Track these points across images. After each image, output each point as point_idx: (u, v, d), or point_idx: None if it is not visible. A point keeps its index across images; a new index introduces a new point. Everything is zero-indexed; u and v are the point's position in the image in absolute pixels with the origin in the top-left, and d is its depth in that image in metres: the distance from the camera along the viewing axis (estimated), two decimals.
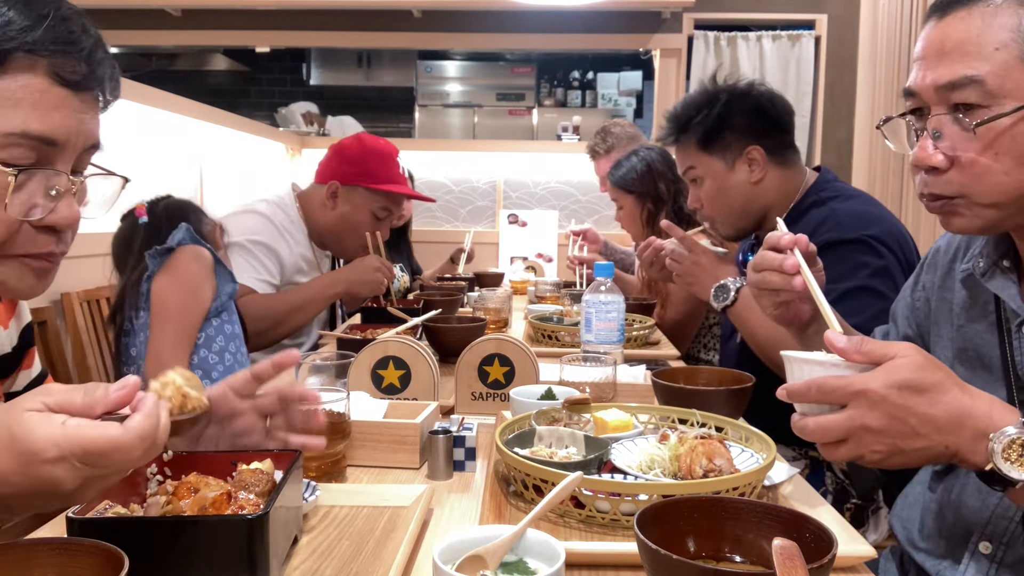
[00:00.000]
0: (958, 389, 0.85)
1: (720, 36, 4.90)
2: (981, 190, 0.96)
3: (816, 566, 0.65)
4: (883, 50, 4.15)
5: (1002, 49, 0.92)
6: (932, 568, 1.11)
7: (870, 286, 1.61)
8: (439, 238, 4.46)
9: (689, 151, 1.88)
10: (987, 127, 0.93)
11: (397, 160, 2.56)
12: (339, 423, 1.11)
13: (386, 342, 1.45)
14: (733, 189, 1.84)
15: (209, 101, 3.42)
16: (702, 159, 1.86)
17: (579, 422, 1.19)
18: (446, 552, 0.74)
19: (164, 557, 0.73)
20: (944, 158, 0.97)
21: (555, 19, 5.00)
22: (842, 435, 0.85)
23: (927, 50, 0.98)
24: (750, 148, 1.81)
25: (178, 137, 3.15)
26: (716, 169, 1.85)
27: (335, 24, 5.09)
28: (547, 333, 2.21)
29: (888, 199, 4.00)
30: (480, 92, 7.44)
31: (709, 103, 1.84)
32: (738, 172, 1.83)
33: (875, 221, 1.71)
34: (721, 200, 1.87)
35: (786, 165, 1.85)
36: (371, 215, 2.50)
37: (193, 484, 0.83)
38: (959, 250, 1.17)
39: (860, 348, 0.85)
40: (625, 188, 2.82)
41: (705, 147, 1.85)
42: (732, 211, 1.88)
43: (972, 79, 0.93)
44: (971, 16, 0.94)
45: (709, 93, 1.87)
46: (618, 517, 0.95)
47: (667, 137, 1.93)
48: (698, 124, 1.84)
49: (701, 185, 1.89)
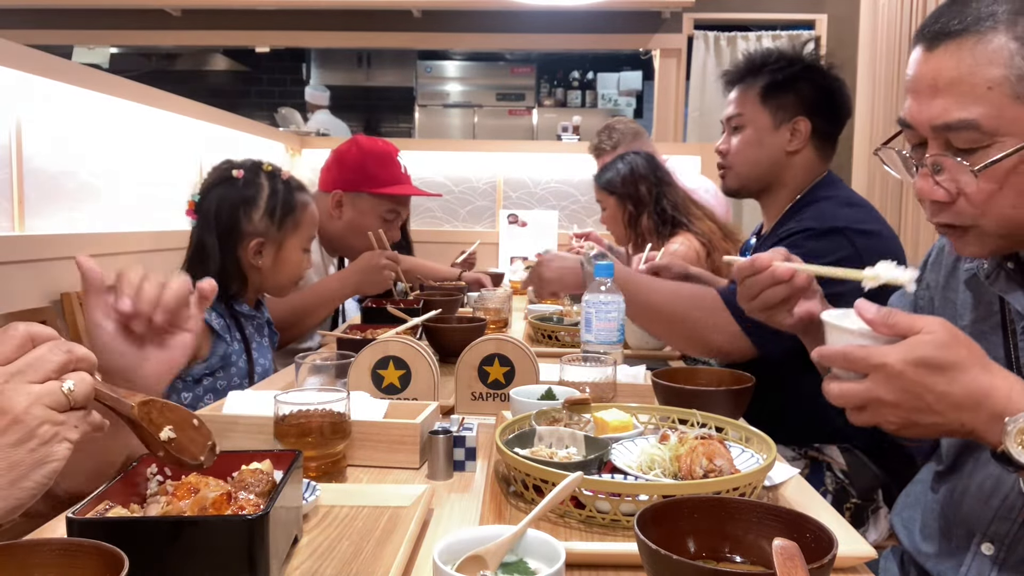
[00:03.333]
0: (979, 368, 0.85)
1: (720, 36, 4.90)
2: (991, 222, 0.96)
3: (816, 566, 0.65)
4: (883, 50, 4.15)
5: (995, 88, 0.90)
6: (933, 569, 1.11)
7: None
8: (439, 238, 4.46)
9: (746, 96, 1.89)
10: (989, 170, 0.92)
11: (397, 159, 2.56)
12: (339, 423, 1.11)
13: (386, 342, 1.45)
14: (768, 147, 1.87)
15: (209, 101, 3.42)
16: (755, 108, 1.88)
17: (579, 422, 1.19)
18: (446, 552, 0.74)
19: (164, 558, 0.73)
20: (946, 192, 0.97)
21: (555, 19, 5.00)
22: (860, 403, 0.88)
23: (918, 83, 0.97)
24: (800, 118, 1.84)
25: (178, 137, 3.15)
26: (762, 122, 1.87)
27: (335, 24, 5.09)
28: (547, 333, 2.21)
29: (888, 199, 4.00)
30: (480, 92, 7.44)
31: (789, 62, 1.87)
32: (780, 134, 1.86)
33: (849, 216, 1.74)
34: (751, 152, 1.89)
35: (820, 152, 1.88)
36: (379, 219, 2.50)
37: (193, 484, 0.83)
38: None
39: (887, 320, 0.87)
40: (608, 190, 2.94)
41: (763, 98, 1.87)
42: (754, 166, 1.90)
43: (967, 123, 0.92)
44: (961, 51, 0.92)
45: (792, 54, 1.89)
46: (618, 517, 0.95)
47: (734, 75, 1.95)
48: (768, 74, 1.86)
49: (740, 132, 1.91)
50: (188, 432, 0.81)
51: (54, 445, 0.72)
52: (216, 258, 1.80)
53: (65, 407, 0.73)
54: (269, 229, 1.84)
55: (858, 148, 4.67)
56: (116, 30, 5.14)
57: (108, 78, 2.71)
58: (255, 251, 1.83)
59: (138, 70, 6.59)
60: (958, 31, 0.93)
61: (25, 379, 0.72)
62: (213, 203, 1.83)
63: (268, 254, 1.85)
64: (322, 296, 2.30)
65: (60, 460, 0.72)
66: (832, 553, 0.66)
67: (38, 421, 0.71)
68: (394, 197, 2.50)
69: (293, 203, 1.88)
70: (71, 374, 0.74)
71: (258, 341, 1.86)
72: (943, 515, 1.11)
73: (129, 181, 2.75)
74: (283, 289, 1.95)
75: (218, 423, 1.23)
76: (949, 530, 1.09)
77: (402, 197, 2.53)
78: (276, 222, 1.85)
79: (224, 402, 1.30)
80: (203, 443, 0.82)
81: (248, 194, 1.84)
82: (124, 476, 0.84)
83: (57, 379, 0.73)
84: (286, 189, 1.88)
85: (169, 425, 0.80)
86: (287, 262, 1.89)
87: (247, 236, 1.83)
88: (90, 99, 2.52)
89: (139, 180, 2.82)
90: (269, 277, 1.88)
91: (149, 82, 2.88)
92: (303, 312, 2.23)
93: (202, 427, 0.83)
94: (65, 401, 0.73)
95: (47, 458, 0.71)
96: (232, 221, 1.82)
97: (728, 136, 1.95)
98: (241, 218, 1.82)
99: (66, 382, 0.73)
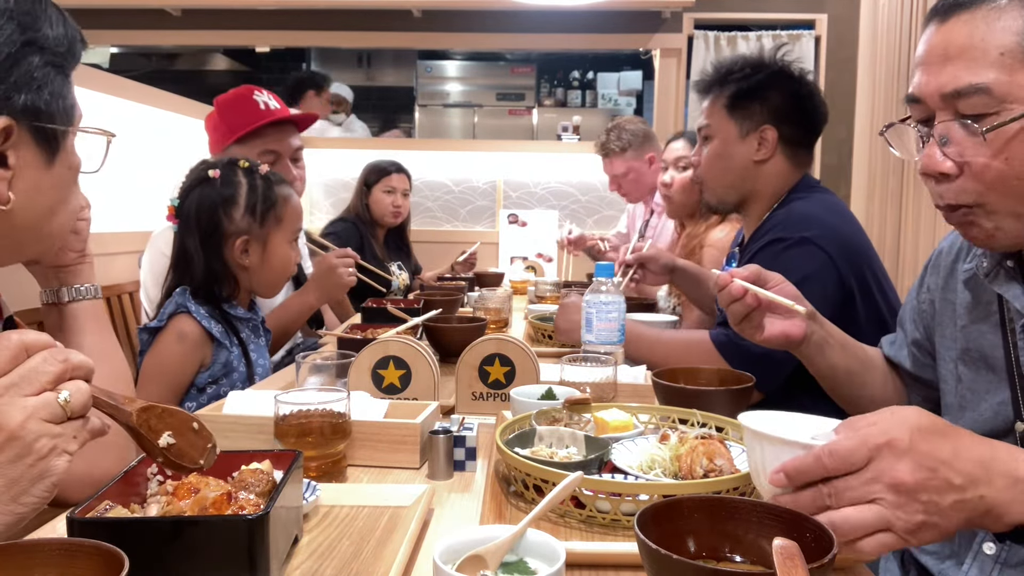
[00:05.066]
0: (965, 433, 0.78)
1: (720, 36, 4.90)
2: (997, 198, 0.94)
3: (816, 566, 0.64)
4: (883, 50, 4.15)
5: (1007, 54, 0.90)
6: (935, 568, 1.11)
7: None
8: (439, 238, 4.46)
9: (714, 107, 1.88)
10: (996, 132, 0.91)
11: (254, 97, 2.36)
12: (339, 423, 1.11)
13: (386, 342, 1.45)
14: (734, 158, 1.85)
15: (209, 101, 3.41)
16: (721, 118, 1.86)
17: (579, 422, 1.19)
18: (446, 552, 0.74)
19: (164, 557, 0.73)
20: (953, 164, 0.95)
21: (555, 19, 5.00)
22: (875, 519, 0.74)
23: (929, 55, 0.96)
24: (767, 127, 1.82)
25: (178, 137, 3.15)
26: (728, 132, 1.85)
27: (335, 24, 5.09)
28: (547, 333, 2.20)
29: (888, 199, 4.00)
30: (480, 92, 7.44)
31: (755, 69, 1.85)
32: (746, 144, 1.84)
33: (815, 223, 1.72)
34: (718, 164, 1.88)
35: (792, 160, 1.86)
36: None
37: (193, 484, 0.83)
38: (961, 250, 1.17)
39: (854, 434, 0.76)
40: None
41: (730, 107, 1.85)
42: (723, 178, 1.88)
43: (978, 88, 0.91)
44: (974, 20, 0.92)
45: (760, 61, 1.87)
46: (618, 517, 0.95)
47: (703, 85, 1.93)
48: (734, 82, 1.85)
49: (708, 143, 1.90)
50: (188, 436, 0.81)
51: (53, 459, 0.71)
52: (201, 261, 1.77)
53: (62, 419, 0.71)
54: (252, 226, 1.81)
55: (858, 148, 4.66)
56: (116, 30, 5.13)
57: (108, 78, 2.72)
58: (241, 250, 1.80)
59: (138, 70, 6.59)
60: (971, 2, 0.93)
61: (20, 392, 0.70)
62: (193, 205, 1.80)
63: (255, 252, 1.82)
64: (285, 318, 2.18)
65: (59, 473, 0.71)
66: (832, 553, 0.66)
67: (35, 436, 0.69)
68: (258, 135, 2.30)
69: (273, 198, 1.84)
70: (67, 383, 0.73)
71: (255, 342, 1.85)
72: None
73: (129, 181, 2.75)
74: (274, 287, 1.92)
75: (218, 423, 1.23)
76: None
77: (269, 132, 2.32)
78: (258, 218, 1.81)
79: (224, 402, 1.30)
80: (203, 446, 0.82)
81: (227, 193, 1.81)
82: (124, 476, 0.84)
83: (53, 390, 0.72)
84: (265, 184, 1.85)
85: (168, 431, 0.79)
86: (275, 257, 1.85)
87: (231, 236, 1.80)
88: (90, 99, 2.52)
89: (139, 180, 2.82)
90: (258, 275, 1.85)
91: (149, 82, 2.89)
92: (277, 331, 2.12)
93: (202, 430, 0.83)
94: (62, 413, 0.71)
95: (46, 472, 0.70)
96: (213, 222, 1.79)
97: (700, 147, 1.94)
98: (222, 218, 1.79)
99: (62, 393, 0.72)
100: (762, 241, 1.77)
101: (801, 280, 1.64)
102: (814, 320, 1.27)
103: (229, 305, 1.81)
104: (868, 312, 1.72)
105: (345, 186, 4.08)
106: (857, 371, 1.32)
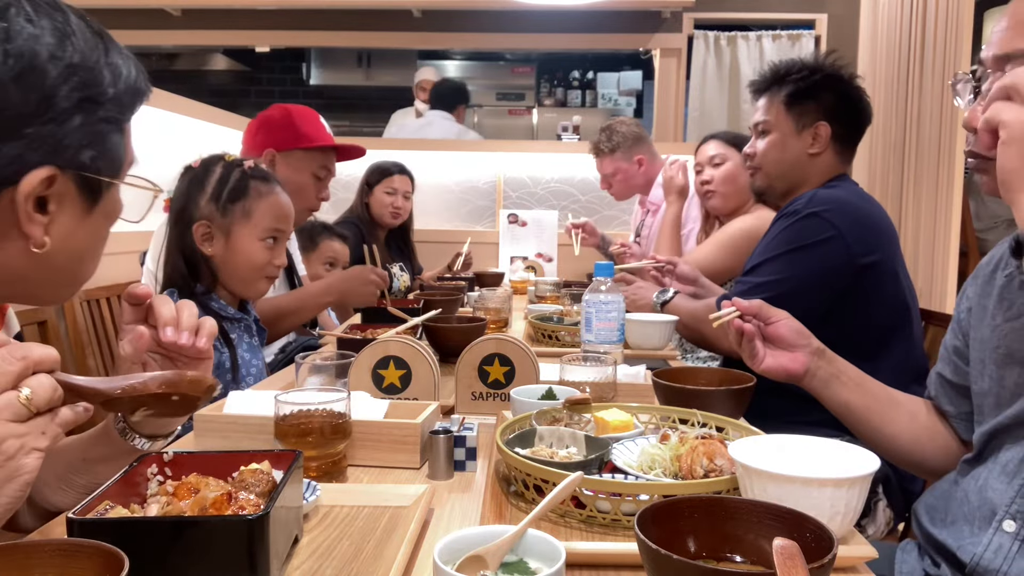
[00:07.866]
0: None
1: (720, 36, 4.90)
2: None
3: (816, 566, 0.64)
4: (883, 50, 4.15)
5: None
6: (953, 544, 1.11)
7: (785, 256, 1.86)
8: (439, 238, 4.45)
9: (772, 103, 2.05)
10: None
11: (321, 121, 2.57)
12: (339, 423, 1.11)
13: (386, 342, 1.45)
14: (791, 149, 2.03)
15: (209, 101, 3.42)
16: (780, 113, 2.03)
17: (580, 422, 1.19)
18: (446, 552, 0.74)
19: (164, 558, 0.73)
20: None
21: (555, 19, 5.00)
22: None
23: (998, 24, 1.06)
24: (821, 123, 1.99)
25: (178, 137, 3.15)
26: (786, 127, 2.03)
27: (335, 24, 5.09)
28: (547, 333, 2.21)
29: (888, 199, 4.00)
30: (480, 92, 7.43)
31: (811, 71, 2.02)
32: (802, 138, 2.01)
33: (831, 202, 1.87)
34: (776, 154, 2.05)
35: (839, 156, 2.03)
36: (312, 176, 2.49)
37: (193, 484, 0.83)
38: (1000, 260, 1.20)
39: None
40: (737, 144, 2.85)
41: (788, 105, 2.02)
42: (779, 167, 2.05)
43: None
44: None
45: (815, 64, 2.05)
46: (619, 517, 0.95)
47: (761, 84, 2.09)
48: (792, 82, 2.02)
49: (765, 136, 2.07)
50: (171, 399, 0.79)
51: (22, 458, 0.69)
52: (174, 246, 1.78)
53: (26, 416, 0.70)
54: (213, 214, 1.79)
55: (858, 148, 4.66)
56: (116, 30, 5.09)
57: None
58: (202, 236, 1.78)
59: None
60: None
61: None
62: (175, 194, 1.83)
63: (218, 241, 1.79)
64: (304, 300, 2.26)
65: (32, 471, 0.70)
66: (832, 553, 0.66)
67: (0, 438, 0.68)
68: (324, 153, 2.50)
69: (244, 190, 1.82)
70: (29, 379, 0.70)
71: (248, 343, 1.84)
72: (967, 500, 1.12)
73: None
74: (247, 283, 1.86)
75: (218, 423, 1.24)
76: (972, 512, 1.10)
77: (330, 153, 2.53)
78: (220, 207, 1.79)
79: (224, 402, 1.30)
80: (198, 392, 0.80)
81: (199, 179, 1.82)
82: (124, 476, 0.84)
83: (14, 388, 0.69)
84: (240, 176, 1.83)
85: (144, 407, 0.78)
86: (239, 253, 1.80)
87: (192, 220, 1.79)
88: None
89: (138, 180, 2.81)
90: (225, 269, 1.81)
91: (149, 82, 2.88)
92: (287, 312, 2.19)
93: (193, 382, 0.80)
94: (25, 411, 0.69)
95: (17, 472, 0.69)
96: (182, 205, 1.80)
97: (755, 140, 2.10)
98: (189, 202, 1.80)
99: (23, 390, 0.69)
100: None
101: (798, 248, 1.85)
102: (821, 357, 1.29)
103: (219, 306, 1.80)
104: (882, 291, 1.85)
105: (345, 186, 4.08)
106: (875, 409, 1.31)
